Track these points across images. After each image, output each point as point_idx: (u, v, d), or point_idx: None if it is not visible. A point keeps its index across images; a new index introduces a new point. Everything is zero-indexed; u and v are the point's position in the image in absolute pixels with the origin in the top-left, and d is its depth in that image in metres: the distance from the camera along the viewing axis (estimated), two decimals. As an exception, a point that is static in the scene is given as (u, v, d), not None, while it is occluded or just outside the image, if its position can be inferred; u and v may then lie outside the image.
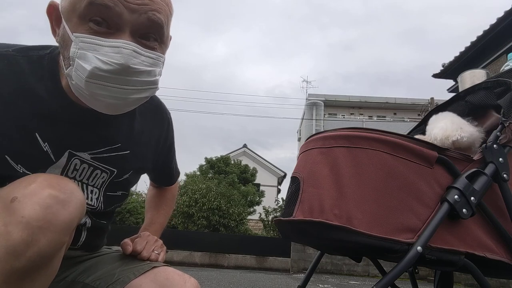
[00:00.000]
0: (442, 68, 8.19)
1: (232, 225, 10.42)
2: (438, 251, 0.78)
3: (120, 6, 0.58)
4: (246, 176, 15.45)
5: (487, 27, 6.80)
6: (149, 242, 0.79)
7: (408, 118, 21.26)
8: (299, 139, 25.19)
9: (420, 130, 1.26)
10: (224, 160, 15.26)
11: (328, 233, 0.77)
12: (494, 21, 6.61)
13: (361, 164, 0.81)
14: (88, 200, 0.71)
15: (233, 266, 8.79)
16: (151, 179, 1.00)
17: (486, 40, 6.95)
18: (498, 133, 0.91)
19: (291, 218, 0.82)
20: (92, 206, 0.73)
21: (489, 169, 0.86)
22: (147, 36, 0.63)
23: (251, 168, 16.21)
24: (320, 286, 5.23)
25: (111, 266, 0.72)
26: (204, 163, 15.17)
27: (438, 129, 1.01)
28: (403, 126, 16.85)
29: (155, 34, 0.63)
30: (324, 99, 22.70)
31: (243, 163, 16.44)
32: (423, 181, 0.81)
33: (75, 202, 0.51)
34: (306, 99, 23.10)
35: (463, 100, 1.16)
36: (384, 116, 23.00)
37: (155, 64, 0.63)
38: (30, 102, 0.63)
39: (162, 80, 0.66)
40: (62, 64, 0.62)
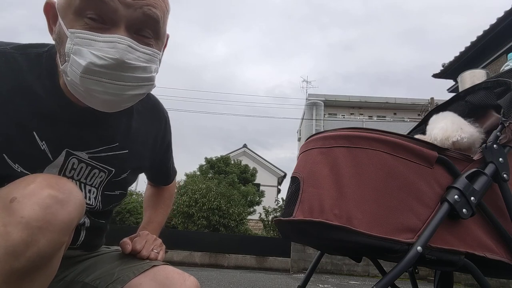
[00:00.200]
0: (442, 68, 8.19)
1: (232, 225, 10.42)
2: (438, 251, 0.78)
3: (115, 1, 0.58)
4: (246, 176, 15.44)
5: (487, 27, 6.80)
6: (148, 241, 0.79)
7: (408, 118, 21.25)
8: (299, 139, 25.19)
9: (420, 130, 1.26)
10: (224, 160, 15.25)
11: (328, 233, 0.77)
12: (494, 21, 6.61)
13: (361, 164, 0.81)
14: (86, 200, 0.71)
15: (233, 266, 8.78)
16: (148, 178, 1.00)
17: (486, 40, 6.95)
18: (498, 133, 0.91)
19: (291, 218, 0.82)
20: (91, 206, 0.73)
21: (489, 169, 0.86)
22: (143, 31, 0.62)
23: (251, 168, 16.19)
24: (320, 286, 5.23)
25: (110, 265, 0.72)
26: (204, 163, 15.15)
27: (438, 129, 1.01)
28: (403, 126, 16.84)
29: (151, 29, 0.63)
30: (324, 99, 22.69)
31: (243, 163, 16.42)
32: (423, 181, 0.81)
33: (74, 202, 0.51)
34: (306, 99, 23.10)
35: (463, 100, 1.16)
36: (384, 116, 22.99)
37: (151, 60, 0.62)
38: (28, 100, 0.62)
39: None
40: (59, 62, 0.62)
